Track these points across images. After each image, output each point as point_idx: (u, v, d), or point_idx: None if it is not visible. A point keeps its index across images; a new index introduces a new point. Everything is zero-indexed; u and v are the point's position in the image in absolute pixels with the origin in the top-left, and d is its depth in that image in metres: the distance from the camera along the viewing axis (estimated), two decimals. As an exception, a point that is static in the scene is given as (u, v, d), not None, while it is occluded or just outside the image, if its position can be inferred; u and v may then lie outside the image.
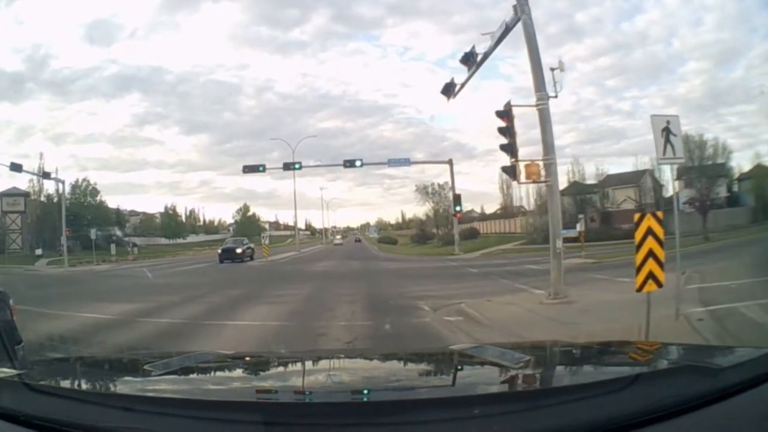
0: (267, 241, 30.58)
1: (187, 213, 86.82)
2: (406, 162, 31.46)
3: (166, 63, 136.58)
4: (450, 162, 31.65)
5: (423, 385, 1.76)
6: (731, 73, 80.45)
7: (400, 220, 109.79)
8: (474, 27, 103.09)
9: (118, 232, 69.91)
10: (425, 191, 54.79)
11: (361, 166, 29.92)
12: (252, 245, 32.14)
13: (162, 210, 76.06)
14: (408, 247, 52.76)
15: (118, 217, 70.84)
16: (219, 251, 29.73)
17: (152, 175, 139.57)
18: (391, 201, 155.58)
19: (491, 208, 71.90)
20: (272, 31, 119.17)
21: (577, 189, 45.37)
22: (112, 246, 39.32)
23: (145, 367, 1.88)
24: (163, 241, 70.83)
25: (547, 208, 37.26)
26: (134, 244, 56.51)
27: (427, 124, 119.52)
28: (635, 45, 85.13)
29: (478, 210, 76.37)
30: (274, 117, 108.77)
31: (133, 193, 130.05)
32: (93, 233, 39.01)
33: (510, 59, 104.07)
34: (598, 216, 42.58)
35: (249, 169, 30.22)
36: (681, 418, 1.18)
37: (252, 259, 30.28)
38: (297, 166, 30.39)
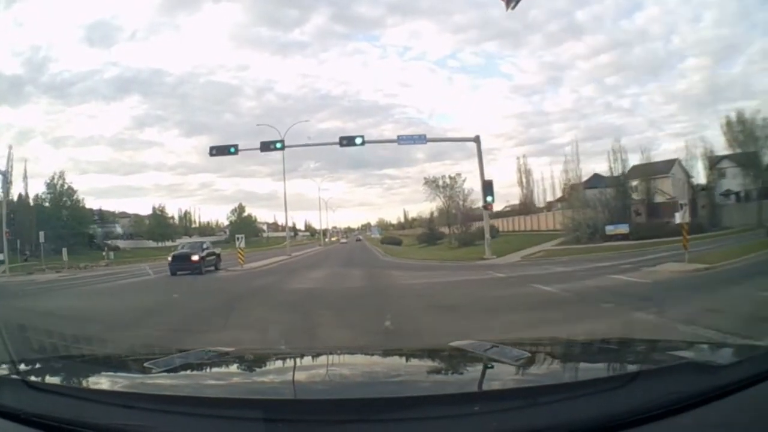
0: (242, 244, 23.46)
1: (181, 214, 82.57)
2: (422, 139, 24.52)
3: (166, 65, 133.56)
4: (477, 139, 24.58)
5: (423, 381, 1.69)
6: (731, 69, 79.30)
7: (402, 219, 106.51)
8: (474, 26, 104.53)
9: (120, 230, 66.71)
10: (435, 184, 48.05)
11: (362, 144, 23.34)
12: (216, 250, 24.57)
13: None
14: (417, 248, 46.01)
15: (101, 219, 66.57)
16: (169, 259, 22.05)
17: (152, 178, 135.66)
18: (392, 201, 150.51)
19: (496, 206, 66.24)
20: (272, 31, 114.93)
21: (598, 181, 41.28)
22: (64, 251, 32.68)
23: (145, 364, 1.86)
24: (152, 244, 66.22)
25: (584, 202, 30.14)
26: (109, 248, 51.93)
27: (428, 123, 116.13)
28: (635, 42, 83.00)
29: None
30: (274, 118, 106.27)
31: (133, 196, 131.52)
32: (41, 236, 33.05)
33: (510, 58, 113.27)
34: (643, 209, 36.21)
35: (218, 151, 23.68)
36: (681, 416, 1.16)
37: (217, 268, 23.08)
38: (279, 145, 23.75)
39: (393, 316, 7.93)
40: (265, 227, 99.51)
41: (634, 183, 37.81)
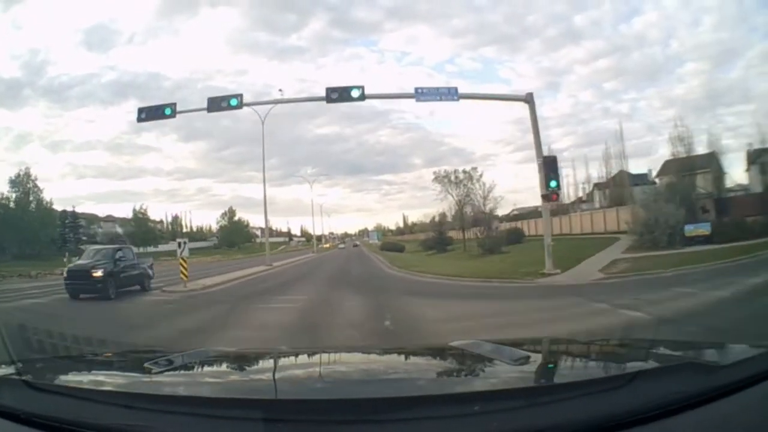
0: (185, 253, 16.16)
1: (170, 218, 75.64)
2: (453, 94, 16.74)
3: (164, 69, 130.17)
4: (529, 98, 16.95)
5: (423, 381, 1.68)
6: (729, 73, 77.10)
7: (401, 225, 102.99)
8: (472, 31, 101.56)
9: (98, 233, 61.72)
10: (446, 180, 40.83)
11: (361, 98, 16.24)
12: (144, 262, 17.36)
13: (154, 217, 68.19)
14: (425, 256, 38.68)
15: (74, 222, 60.59)
16: (64, 275, 15.12)
17: (150, 183, 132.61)
18: (389, 207, 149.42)
19: (503, 210, 60.19)
20: (270, 36, 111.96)
21: (624, 179, 37.57)
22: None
23: (146, 364, 1.84)
24: (133, 249, 59.69)
25: (653, 197, 22.39)
26: (72, 253, 45.82)
27: (426, 128, 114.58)
28: (633, 47, 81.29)
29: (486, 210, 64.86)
30: (272, 123, 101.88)
31: (130, 201, 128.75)
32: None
33: (508, 63, 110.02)
34: (712, 205, 29.20)
35: (147, 115, 16.91)
36: (680, 416, 1.15)
37: (145, 288, 15.99)
38: (234, 101, 16.54)
39: None
40: (259, 232, 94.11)
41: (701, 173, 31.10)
